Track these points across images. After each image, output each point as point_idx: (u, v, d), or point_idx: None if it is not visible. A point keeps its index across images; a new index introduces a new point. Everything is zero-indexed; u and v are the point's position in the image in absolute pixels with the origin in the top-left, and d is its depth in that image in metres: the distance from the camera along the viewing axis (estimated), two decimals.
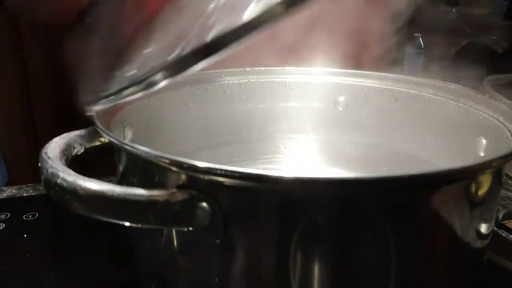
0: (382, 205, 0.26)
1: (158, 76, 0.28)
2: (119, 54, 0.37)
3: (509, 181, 0.59)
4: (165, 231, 0.29)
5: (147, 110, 0.41)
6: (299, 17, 0.22)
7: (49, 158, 0.28)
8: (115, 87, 0.31)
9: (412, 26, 0.54)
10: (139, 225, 0.26)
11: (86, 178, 0.26)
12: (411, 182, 0.26)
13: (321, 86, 0.49)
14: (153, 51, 0.34)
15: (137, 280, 0.35)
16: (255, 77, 0.49)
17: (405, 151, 0.46)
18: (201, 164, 0.25)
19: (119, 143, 0.29)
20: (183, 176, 0.27)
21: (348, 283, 0.27)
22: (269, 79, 0.49)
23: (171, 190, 0.26)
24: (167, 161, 0.26)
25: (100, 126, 0.31)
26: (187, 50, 0.26)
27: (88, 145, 0.32)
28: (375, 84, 0.47)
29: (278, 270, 0.27)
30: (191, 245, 0.29)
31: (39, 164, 0.28)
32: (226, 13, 0.26)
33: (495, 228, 0.47)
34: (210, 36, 0.24)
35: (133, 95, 0.30)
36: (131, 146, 0.28)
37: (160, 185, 0.28)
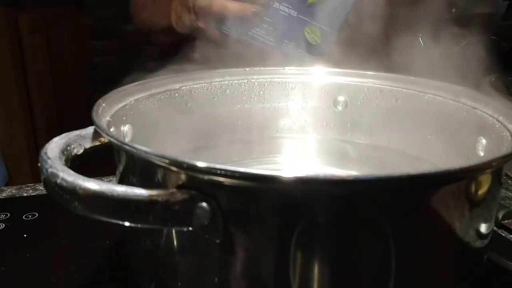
0: (382, 205, 0.26)
1: None
2: None
3: (509, 181, 0.59)
4: (165, 231, 0.29)
5: (147, 110, 0.41)
6: None
7: (49, 158, 0.28)
8: None
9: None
10: (139, 225, 0.26)
11: (86, 178, 0.26)
12: (411, 182, 0.26)
13: (321, 86, 0.50)
14: None
15: (137, 280, 0.35)
16: (255, 77, 0.49)
17: (405, 151, 0.46)
18: (201, 164, 0.25)
19: (119, 143, 0.29)
20: (183, 176, 0.27)
21: (347, 283, 0.27)
22: (269, 79, 0.49)
23: (171, 190, 0.26)
24: (167, 161, 0.26)
25: (100, 126, 0.31)
26: None
27: (88, 145, 0.32)
28: (375, 84, 0.47)
29: (278, 269, 0.27)
30: (191, 245, 0.29)
31: (39, 164, 0.28)
32: None
33: (495, 228, 0.47)
34: None
35: None
36: (131, 146, 0.28)
37: (160, 185, 0.28)
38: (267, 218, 0.26)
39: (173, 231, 0.29)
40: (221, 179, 0.25)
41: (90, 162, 0.33)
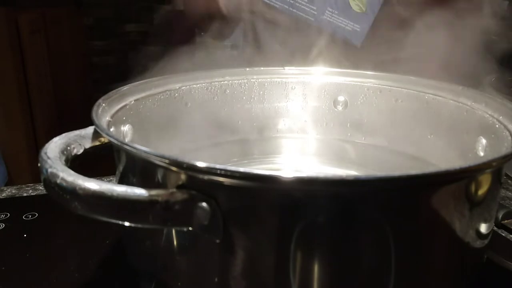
0: (382, 205, 0.26)
1: None
2: None
3: (509, 181, 0.59)
4: (165, 231, 0.29)
5: (147, 110, 0.41)
6: None
7: (48, 158, 0.28)
8: None
9: None
10: (139, 225, 0.26)
11: (85, 178, 0.26)
12: (411, 182, 0.26)
13: (321, 86, 0.50)
14: None
15: (137, 280, 0.35)
16: (255, 77, 0.49)
17: (405, 151, 0.46)
18: (201, 164, 0.25)
19: (118, 143, 0.29)
20: (183, 176, 0.27)
21: (347, 283, 0.27)
22: (269, 79, 0.49)
23: (171, 190, 0.26)
24: (167, 161, 0.26)
25: (100, 126, 0.31)
26: None
27: (87, 145, 0.32)
28: (375, 84, 0.47)
29: (278, 269, 0.27)
30: (191, 245, 0.29)
31: (39, 164, 0.28)
32: None
33: (495, 228, 0.47)
34: None
35: None
36: (131, 146, 0.28)
37: (160, 185, 0.28)
38: (267, 218, 0.26)
39: (173, 231, 0.29)
40: (221, 179, 0.25)
41: (90, 162, 0.33)
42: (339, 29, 0.60)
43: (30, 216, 0.49)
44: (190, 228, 0.26)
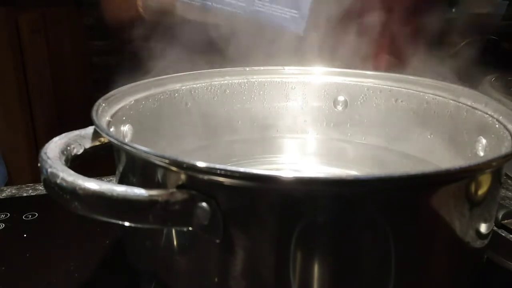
0: (382, 205, 0.26)
1: None
2: None
3: (509, 181, 0.59)
4: (165, 231, 0.29)
5: (147, 109, 0.41)
6: None
7: (48, 158, 0.28)
8: None
9: None
10: (139, 225, 0.26)
11: (85, 178, 0.26)
12: (411, 182, 0.26)
13: (321, 86, 0.50)
14: None
15: (137, 280, 0.35)
16: (255, 77, 0.49)
17: (405, 151, 0.46)
18: (201, 164, 0.25)
19: (118, 143, 0.29)
20: (183, 176, 0.27)
21: (347, 283, 0.27)
22: (269, 79, 0.49)
23: (171, 190, 0.26)
24: (167, 161, 0.26)
25: (100, 126, 0.31)
26: None
27: (87, 145, 0.32)
28: (375, 84, 0.47)
29: (278, 269, 0.27)
30: (191, 245, 0.29)
31: (39, 164, 0.28)
32: None
33: (495, 228, 0.47)
34: None
35: None
36: (130, 146, 0.28)
37: (160, 185, 0.28)
38: (267, 218, 0.26)
39: (173, 231, 0.29)
40: (221, 179, 0.25)
41: (90, 162, 0.33)
42: (276, 18, 0.53)
43: (30, 216, 0.49)
44: (190, 228, 0.26)
